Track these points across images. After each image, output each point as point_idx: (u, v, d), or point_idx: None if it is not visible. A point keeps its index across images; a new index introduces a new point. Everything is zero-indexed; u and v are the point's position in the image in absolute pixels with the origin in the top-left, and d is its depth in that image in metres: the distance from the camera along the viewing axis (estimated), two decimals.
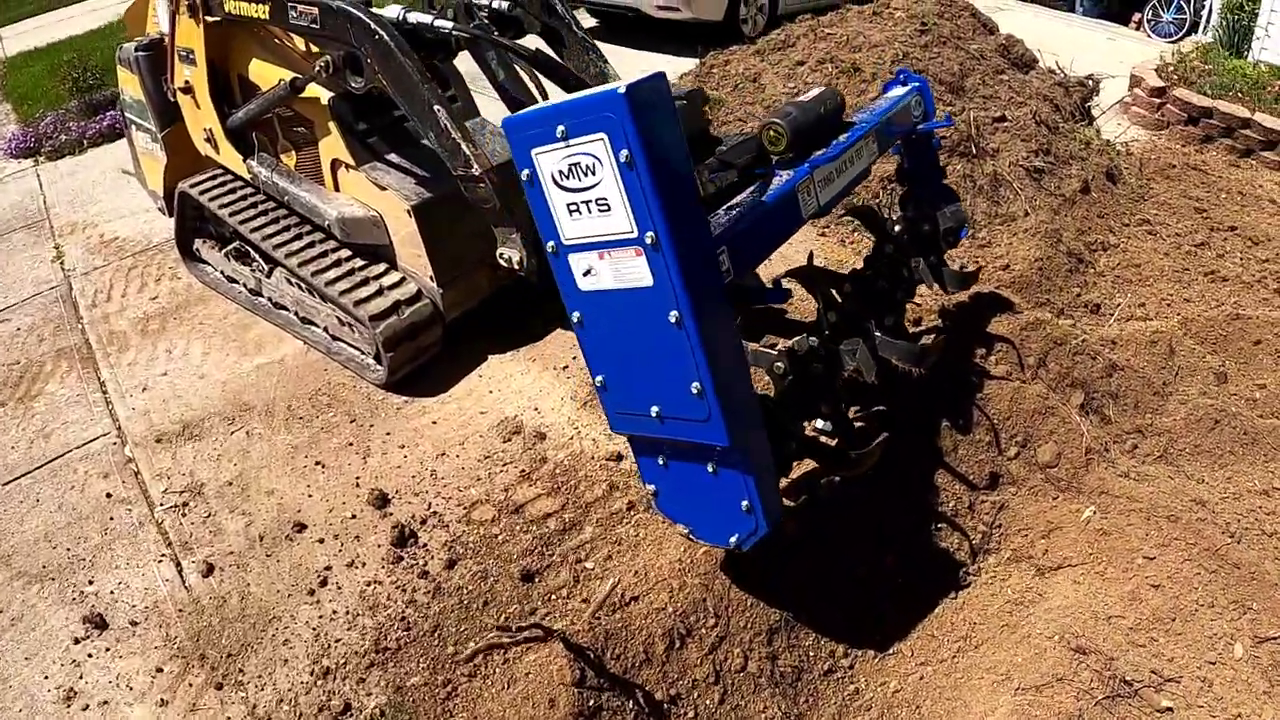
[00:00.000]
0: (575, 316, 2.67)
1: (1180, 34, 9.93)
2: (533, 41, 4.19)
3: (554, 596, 3.36)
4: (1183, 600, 3.44)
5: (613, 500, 3.72)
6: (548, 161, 2.44)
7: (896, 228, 3.92)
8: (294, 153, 4.49)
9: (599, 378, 2.74)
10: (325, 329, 4.51)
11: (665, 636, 3.12)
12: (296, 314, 4.64)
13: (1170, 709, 3.12)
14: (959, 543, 3.72)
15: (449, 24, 3.64)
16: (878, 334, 3.40)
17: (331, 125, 4.18)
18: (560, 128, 2.36)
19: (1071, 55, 6.78)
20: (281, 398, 4.34)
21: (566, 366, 4.42)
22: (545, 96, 4.13)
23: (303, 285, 4.47)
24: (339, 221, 4.21)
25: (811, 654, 3.29)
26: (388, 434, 4.10)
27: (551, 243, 2.59)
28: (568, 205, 2.47)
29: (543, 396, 4.25)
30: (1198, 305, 4.67)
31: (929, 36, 5.65)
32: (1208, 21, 8.47)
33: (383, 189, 4.16)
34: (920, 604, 3.53)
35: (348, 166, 4.25)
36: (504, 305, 4.71)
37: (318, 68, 3.85)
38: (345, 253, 4.36)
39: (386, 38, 3.53)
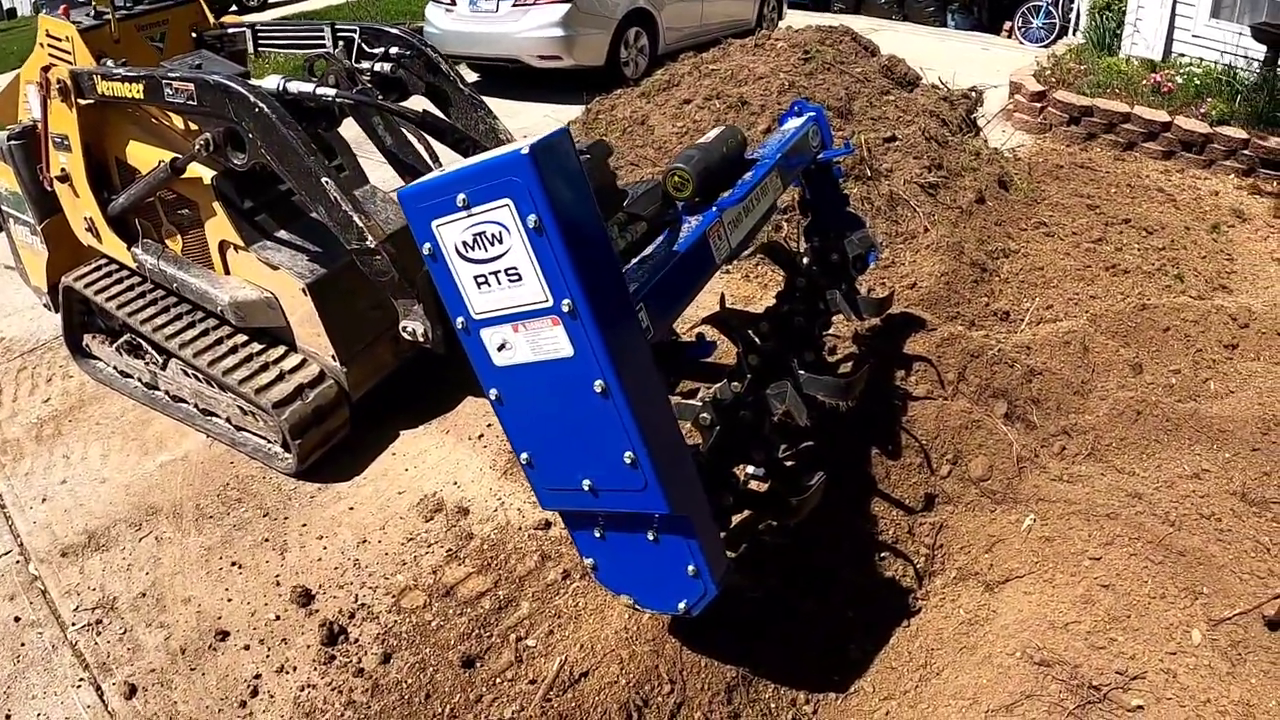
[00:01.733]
0: (493, 394, 2.46)
1: (1051, 38, 10.19)
2: (418, 102, 3.99)
3: (498, 680, 3.12)
4: (1134, 596, 3.36)
5: (546, 571, 3.51)
6: (450, 233, 2.24)
7: (804, 259, 3.80)
8: (179, 236, 4.20)
9: (524, 455, 2.53)
10: (228, 419, 4.21)
11: (621, 711, 2.91)
12: (196, 406, 4.33)
13: (1140, 706, 3.02)
14: (903, 569, 3.60)
15: (331, 91, 3.43)
16: (801, 372, 3.25)
17: (216, 205, 3.92)
18: (460, 196, 2.17)
19: (952, 69, 6.84)
20: (189, 496, 4.02)
21: (481, 435, 4.20)
22: (436, 159, 3.93)
23: (200, 376, 4.17)
24: (232, 306, 3.93)
25: (773, 706, 3.11)
26: (304, 525, 3.81)
27: (460, 319, 2.38)
28: (475, 278, 2.28)
29: (460, 469, 4.02)
30: (1104, 300, 4.67)
31: (813, 64, 5.62)
32: (1076, 23, 8.70)
33: (274, 268, 3.90)
34: (874, 637, 3.39)
35: (236, 247, 3.99)
36: (409, 377, 4.48)
37: (197, 146, 3.59)
38: (241, 338, 4.09)
39: (267, 110, 3.30)
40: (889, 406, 3.90)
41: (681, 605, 2.69)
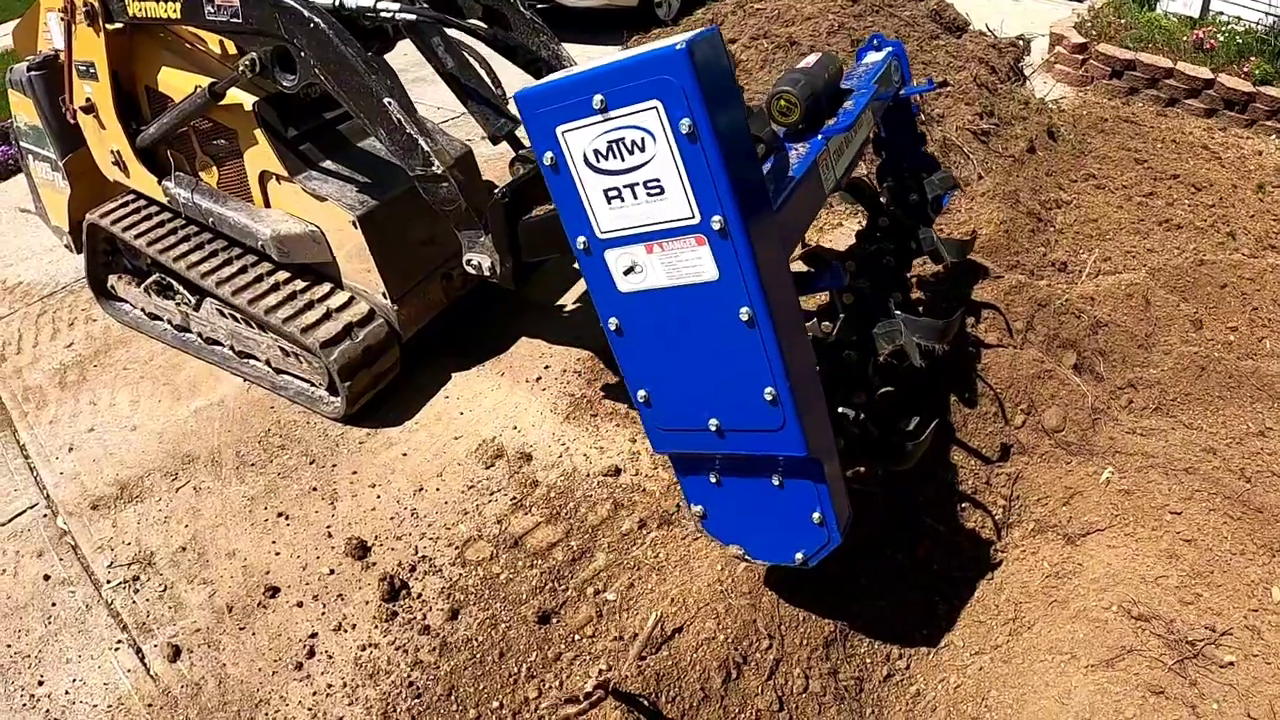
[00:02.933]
0: (612, 324, 2.18)
1: None
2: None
3: (578, 637, 2.86)
4: (1216, 551, 3.20)
5: (619, 520, 3.24)
6: (579, 140, 1.94)
7: (881, 199, 3.54)
8: (215, 169, 3.82)
9: (641, 392, 2.25)
10: (267, 362, 3.87)
11: (720, 668, 2.66)
12: (232, 348, 3.98)
13: (1232, 663, 2.87)
14: (982, 520, 3.39)
15: (394, 6, 3.07)
16: (898, 312, 2.99)
17: (258, 134, 3.54)
18: (598, 97, 1.87)
19: (984, 18, 6.55)
20: (228, 444, 3.68)
21: (539, 377, 3.90)
22: (499, 84, 3.60)
23: (238, 316, 3.82)
24: (274, 240, 3.58)
25: (868, 661, 2.89)
26: (354, 473, 3.50)
27: (582, 238, 2.09)
28: (605, 191, 1.99)
29: (520, 413, 3.73)
30: (1160, 255, 4.46)
31: (861, 5, 5.32)
32: None
33: (322, 200, 3.55)
34: (960, 589, 3.19)
35: (279, 178, 3.62)
36: (459, 315, 4.16)
37: (241, 68, 3.23)
38: (283, 275, 3.74)
39: (323, 25, 2.96)
40: (964, 354, 3.67)
41: (799, 556, 2.47)
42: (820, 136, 2.68)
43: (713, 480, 2.40)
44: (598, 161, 1.94)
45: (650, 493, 3.33)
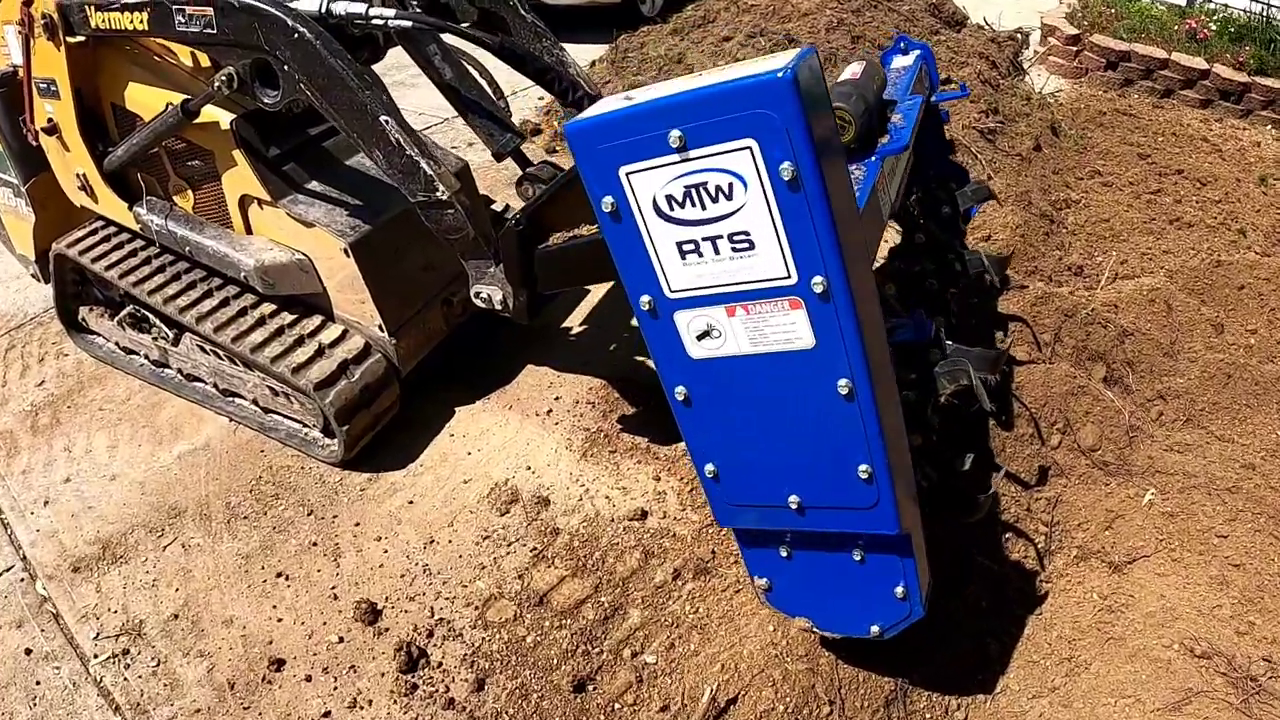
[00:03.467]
0: (679, 393, 1.89)
1: None
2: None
3: (618, 706, 2.59)
4: (1264, 575, 3.03)
5: (651, 570, 2.97)
6: (649, 183, 1.64)
7: (914, 212, 3.28)
8: (190, 192, 3.43)
9: (709, 466, 1.98)
10: (254, 401, 3.51)
11: None
12: (216, 386, 3.61)
13: None
14: (1025, 550, 3.17)
15: (389, 12, 2.71)
16: (949, 342, 2.74)
17: (237, 154, 3.17)
18: (675, 134, 1.57)
19: (980, 10, 6.29)
20: (216, 493, 3.32)
21: (549, 410, 3.59)
22: (501, 95, 3.26)
23: (221, 353, 3.44)
24: (259, 271, 3.22)
25: (928, 716, 2.65)
26: (357, 525, 3.17)
27: (647, 297, 1.80)
28: (679, 244, 1.70)
29: (532, 451, 3.42)
30: (1176, 256, 4.28)
31: (858, 1, 5.04)
32: None
33: (309, 226, 3.19)
34: (1010, 627, 2.96)
35: (262, 203, 3.25)
36: (458, 344, 3.82)
37: (217, 84, 2.85)
38: (269, 308, 3.37)
39: (310, 36, 2.59)
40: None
41: (875, 629, 2.24)
42: (875, 158, 2.40)
43: (783, 554, 2.14)
44: (671, 209, 1.65)
45: (681, 538, 3.05)
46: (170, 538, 3.16)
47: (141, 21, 2.99)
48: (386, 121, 2.65)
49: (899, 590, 2.08)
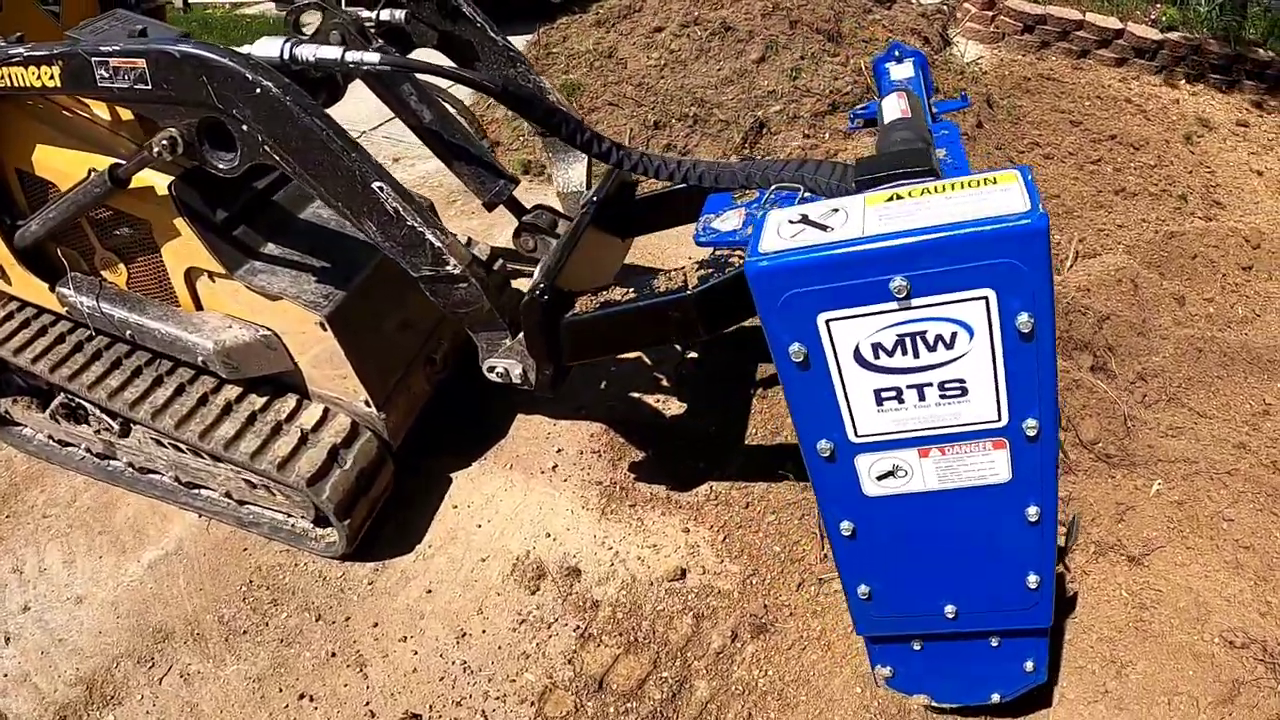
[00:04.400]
0: (845, 528, 1.83)
1: None
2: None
3: None
4: (1272, 554, 3.25)
5: (706, 635, 2.91)
6: (854, 332, 1.54)
7: None
8: (121, 265, 3.04)
9: (862, 588, 1.94)
10: (227, 494, 3.19)
11: None
12: (177, 479, 3.26)
13: None
14: None
15: (372, 57, 2.43)
16: None
17: (179, 223, 2.82)
18: (899, 281, 1.46)
19: None
20: (204, 607, 3.02)
21: (555, 466, 3.44)
22: (484, 137, 3.02)
23: (183, 447, 3.10)
24: (220, 354, 2.90)
25: None
26: (375, 626, 2.96)
27: (827, 443, 1.71)
28: (877, 391, 1.60)
29: (547, 516, 3.28)
30: (1129, 229, 4.50)
31: None
32: None
33: (275, 299, 2.89)
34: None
35: (213, 275, 2.92)
36: (440, 402, 3.59)
37: (156, 149, 2.49)
38: (232, 390, 3.06)
39: (276, 91, 2.28)
40: None
41: (995, 697, 2.31)
42: None
43: (915, 648, 2.13)
44: (876, 358, 1.55)
45: (728, 594, 3.01)
46: (164, 667, 2.86)
47: (52, 77, 2.59)
48: (380, 189, 2.38)
49: (1029, 665, 2.13)
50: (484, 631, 2.94)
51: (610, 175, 2.95)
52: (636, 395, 3.73)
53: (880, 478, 1.74)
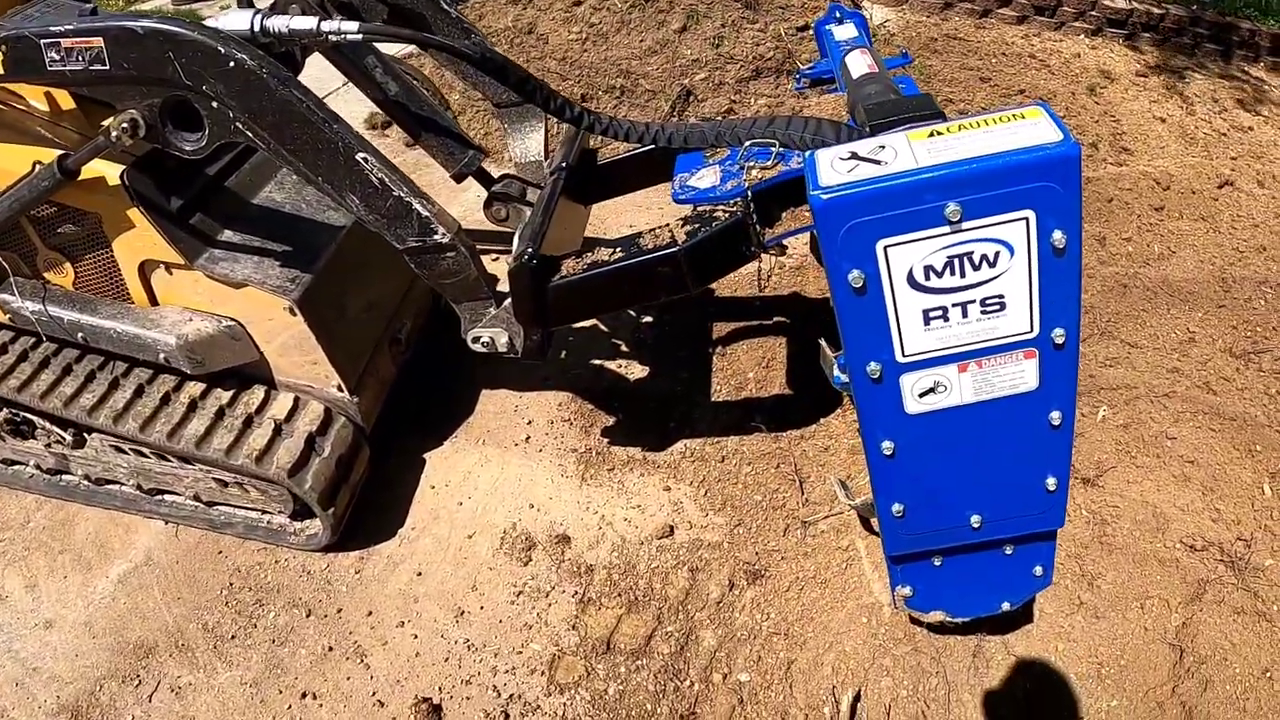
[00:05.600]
0: (886, 447, 2.03)
1: None
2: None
3: None
4: (1215, 466, 3.61)
5: (704, 587, 3.09)
6: (909, 256, 1.75)
7: None
8: (68, 265, 3.00)
9: (896, 506, 2.14)
10: (195, 496, 3.19)
11: None
12: (139, 487, 3.24)
13: (1269, 564, 3.26)
14: None
15: (350, 25, 2.49)
16: None
17: (133, 213, 2.82)
18: (953, 206, 1.67)
19: None
20: (185, 616, 3.02)
21: (528, 437, 3.56)
22: (448, 108, 3.12)
23: (146, 451, 3.10)
24: (184, 349, 2.91)
25: (998, 657, 2.96)
26: (369, 614, 3.03)
27: (875, 364, 1.90)
28: (926, 311, 1.81)
29: (528, 487, 3.40)
30: None
31: None
32: None
33: (239, 286, 2.92)
34: None
35: (170, 266, 2.93)
36: (401, 382, 3.66)
37: (115, 133, 2.50)
38: (195, 387, 3.07)
39: (252, 64, 2.33)
40: None
41: (1005, 605, 2.53)
42: None
43: (935, 564, 2.35)
44: (927, 279, 1.75)
45: (718, 546, 3.19)
46: (151, 684, 2.86)
47: None
48: (365, 160, 2.46)
49: (1038, 570, 2.37)
50: (482, 608, 3.04)
51: (574, 142, 3.09)
52: (598, 362, 3.89)
53: (922, 395, 1.93)
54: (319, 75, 3.12)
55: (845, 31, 3.38)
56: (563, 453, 3.49)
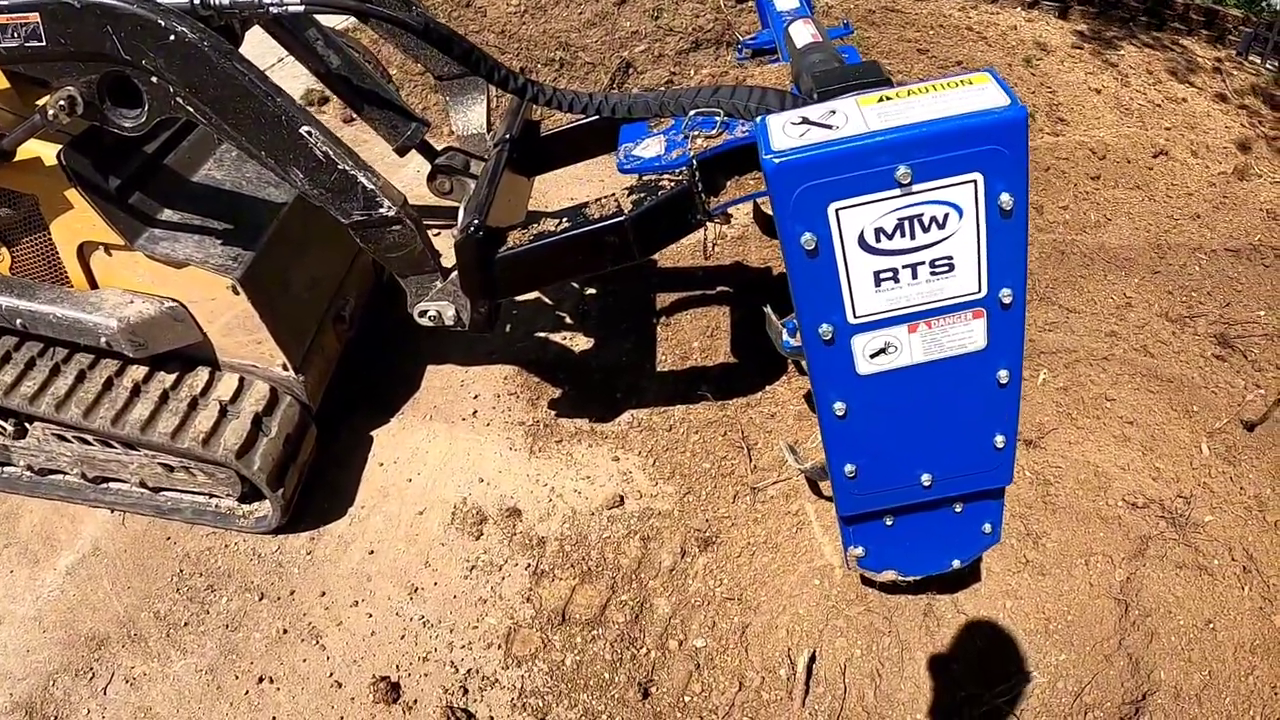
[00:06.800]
0: (838, 408, 2.07)
1: None
2: None
3: (689, 698, 2.78)
4: (1153, 426, 3.72)
5: (656, 555, 3.14)
6: (859, 218, 1.77)
7: None
8: (3, 249, 2.94)
9: (849, 467, 2.19)
10: (141, 483, 3.16)
11: (871, 682, 2.75)
12: (83, 475, 3.19)
13: (1209, 519, 3.38)
14: None
15: None
16: None
17: (71, 194, 2.77)
18: (903, 169, 1.71)
19: None
20: (135, 605, 2.99)
21: (475, 412, 3.58)
22: (391, 81, 3.11)
23: (90, 439, 3.06)
24: (125, 332, 2.88)
25: (949, 616, 3.05)
26: (323, 595, 3.03)
27: (827, 326, 1.94)
28: (877, 273, 1.85)
29: (477, 461, 3.42)
30: None
31: None
32: None
33: (180, 265, 2.90)
34: None
35: (109, 248, 2.89)
36: (346, 359, 3.66)
37: (51, 111, 2.47)
38: (138, 371, 3.04)
39: (193, 37, 2.30)
40: None
41: (955, 563, 2.61)
42: None
43: (888, 524, 2.41)
44: (878, 241, 1.79)
45: (668, 514, 3.24)
46: (105, 675, 2.83)
47: None
48: (309, 133, 2.45)
49: (986, 527, 2.44)
50: (435, 584, 3.05)
51: (517, 114, 3.10)
52: (542, 335, 3.91)
53: (873, 355, 1.97)
54: (252, 52, 3.10)
55: (787, 2, 3.43)
56: (510, 426, 3.51)
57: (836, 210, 1.76)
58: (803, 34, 2.84)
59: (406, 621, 2.95)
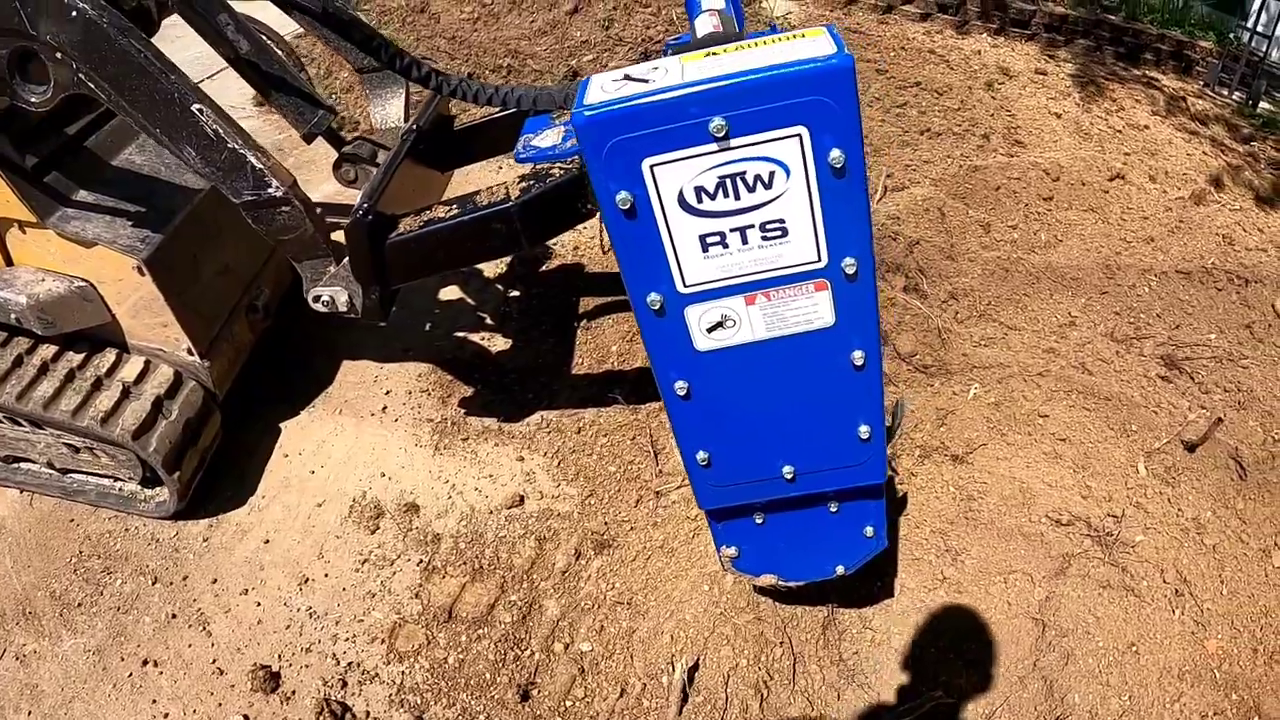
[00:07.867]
0: (679, 387, 1.91)
1: None
2: None
3: (570, 703, 2.63)
4: (1087, 444, 3.56)
5: (550, 556, 2.99)
6: (676, 176, 1.62)
7: None
8: None
9: (701, 454, 2.03)
10: (49, 464, 3.05)
11: (756, 694, 2.58)
12: None
13: (1140, 539, 3.19)
14: None
15: None
16: None
17: None
18: (718, 122, 1.55)
19: None
20: (33, 584, 2.89)
21: (385, 407, 3.46)
22: (303, 69, 2.99)
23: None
24: (34, 310, 2.77)
25: (853, 631, 2.89)
26: (214, 582, 2.91)
27: (656, 295, 1.78)
28: (702, 237, 1.69)
29: (381, 456, 3.30)
30: (936, 165, 4.82)
31: None
32: None
33: (89, 245, 2.80)
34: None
35: (23, 225, 2.81)
36: (259, 350, 3.54)
37: None
38: (48, 349, 2.93)
39: (94, 14, 2.22)
40: None
41: (839, 569, 2.42)
42: None
43: (757, 521, 2.25)
44: (699, 202, 1.63)
45: (567, 516, 3.10)
46: None
47: None
48: (200, 110, 2.34)
49: (868, 530, 2.27)
50: (326, 575, 2.92)
51: (428, 106, 2.98)
52: (462, 334, 3.80)
53: (710, 329, 1.82)
54: (199, 55, 3.02)
55: (713, 2, 3.30)
56: (419, 422, 3.39)
57: (651, 167, 1.62)
58: (705, 26, 2.69)
59: (293, 612, 2.82)
